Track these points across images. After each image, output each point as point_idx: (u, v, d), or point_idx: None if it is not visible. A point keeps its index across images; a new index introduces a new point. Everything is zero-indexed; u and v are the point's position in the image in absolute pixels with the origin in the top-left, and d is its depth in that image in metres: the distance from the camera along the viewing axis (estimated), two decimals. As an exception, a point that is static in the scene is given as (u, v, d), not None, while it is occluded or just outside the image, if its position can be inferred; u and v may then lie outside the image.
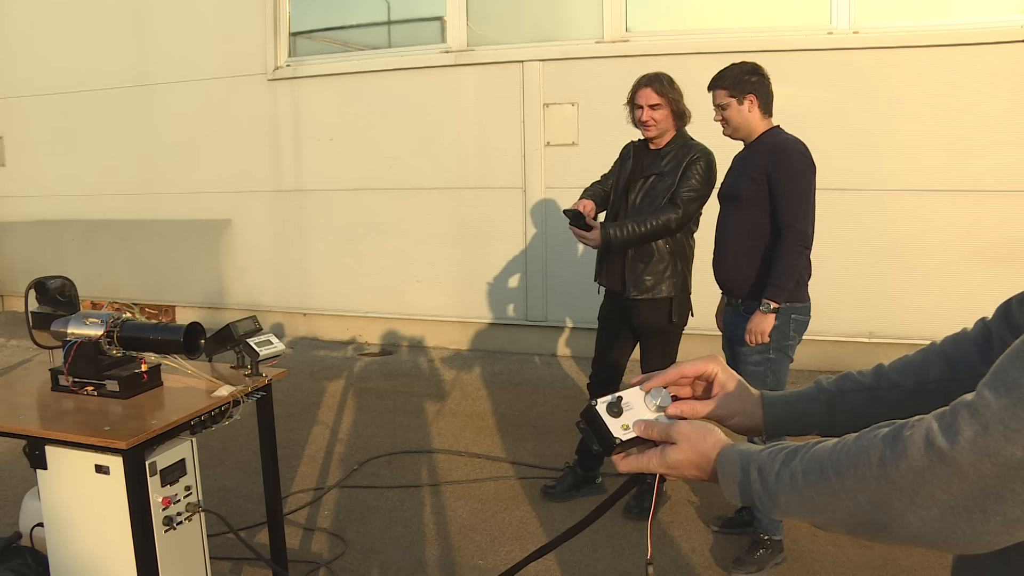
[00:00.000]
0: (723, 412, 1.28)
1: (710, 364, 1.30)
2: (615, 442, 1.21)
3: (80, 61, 8.56)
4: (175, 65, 8.05)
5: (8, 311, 9.61)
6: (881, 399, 1.25)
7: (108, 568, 2.49)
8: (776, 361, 3.53)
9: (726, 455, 1.11)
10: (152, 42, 8.16)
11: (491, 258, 7.03)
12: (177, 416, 2.47)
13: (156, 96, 8.22)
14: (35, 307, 2.87)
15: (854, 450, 0.94)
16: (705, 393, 1.32)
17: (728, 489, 1.10)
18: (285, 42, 7.67)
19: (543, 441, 5.01)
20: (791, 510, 1.01)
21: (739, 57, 3.67)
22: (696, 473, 1.16)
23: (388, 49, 7.49)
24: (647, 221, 3.81)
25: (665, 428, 1.19)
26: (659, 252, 3.91)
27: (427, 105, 7.10)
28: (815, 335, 4.36)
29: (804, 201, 3.44)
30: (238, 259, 8.12)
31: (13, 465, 4.69)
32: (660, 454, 1.17)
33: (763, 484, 1.04)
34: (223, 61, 7.81)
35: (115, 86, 8.41)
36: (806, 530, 3.78)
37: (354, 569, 3.58)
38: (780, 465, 1.02)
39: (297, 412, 5.64)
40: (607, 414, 1.23)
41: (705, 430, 1.16)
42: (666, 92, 3.85)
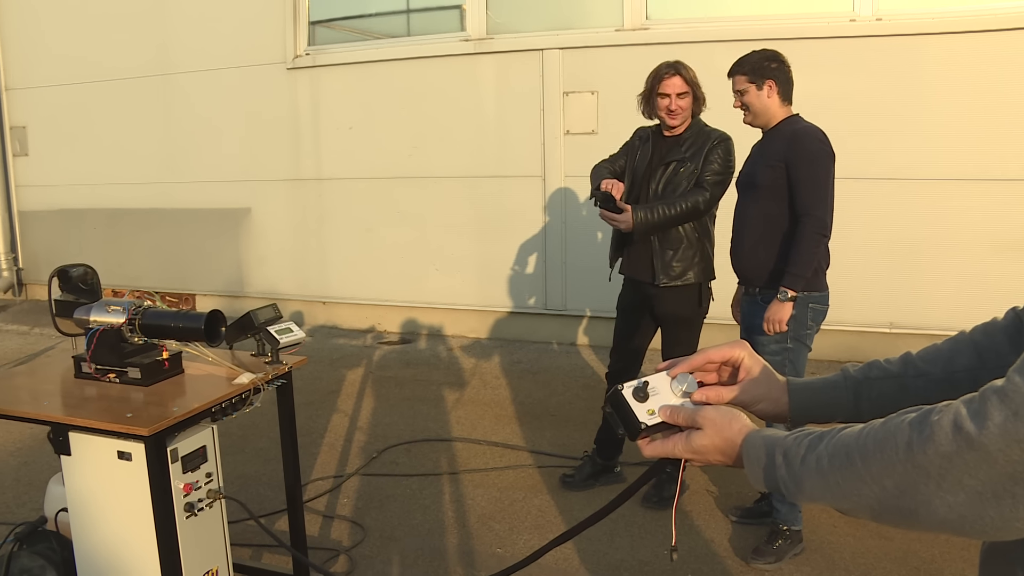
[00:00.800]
0: (748, 398, 1.28)
1: (736, 349, 1.30)
2: (640, 427, 1.21)
3: (101, 52, 8.60)
4: (195, 55, 8.08)
5: (31, 299, 9.69)
6: (908, 387, 1.24)
7: (131, 553, 2.51)
8: (794, 351, 3.52)
9: (751, 440, 1.11)
10: (173, 32, 8.19)
11: (510, 247, 7.03)
12: (198, 403, 2.49)
13: (176, 86, 8.26)
14: (58, 295, 2.89)
15: (881, 435, 0.93)
16: (731, 379, 1.31)
17: (753, 474, 1.10)
18: (305, 31, 7.67)
19: (562, 430, 5.02)
20: (816, 495, 1.00)
21: (760, 45, 3.66)
22: (721, 458, 1.16)
23: (407, 38, 7.48)
24: (676, 203, 3.79)
25: (690, 413, 1.19)
26: (687, 238, 3.90)
27: (446, 94, 7.09)
28: (834, 325, 4.34)
29: (822, 189, 3.42)
30: (258, 248, 8.15)
31: (38, 451, 4.74)
32: (685, 439, 1.17)
33: (788, 469, 1.03)
34: (243, 50, 7.82)
35: (136, 76, 8.45)
36: (825, 520, 3.77)
37: (373, 556, 3.60)
38: (805, 450, 1.01)
39: (316, 400, 5.66)
40: (633, 399, 1.22)
41: (731, 415, 1.16)
42: (692, 80, 3.85)
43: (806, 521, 3.63)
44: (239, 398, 2.65)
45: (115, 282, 8.05)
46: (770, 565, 3.46)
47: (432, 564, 3.52)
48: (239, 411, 2.66)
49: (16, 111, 9.36)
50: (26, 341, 7.69)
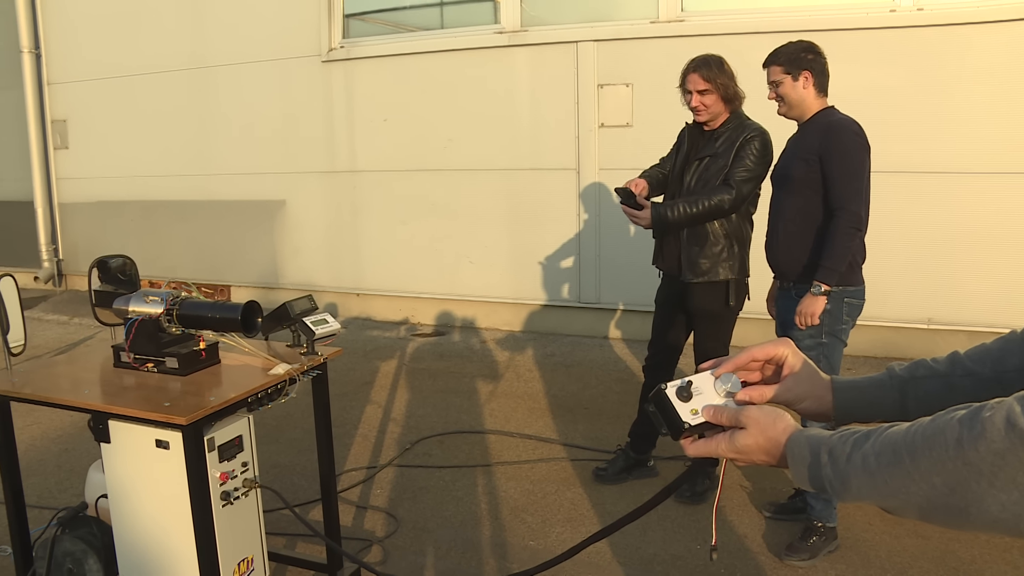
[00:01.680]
0: (792, 396, 1.27)
1: (780, 347, 1.29)
2: (684, 426, 1.21)
3: (140, 45, 8.70)
4: (231, 48, 8.14)
5: (71, 289, 9.83)
6: (955, 387, 1.22)
7: (168, 540, 2.55)
8: (829, 346, 3.48)
9: (796, 439, 1.10)
10: (209, 25, 8.26)
11: (544, 239, 7.02)
12: (234, 393, 2.51)
13: (213, 78, 8.32)
14: (97, 285, 2.93)
15: (929, 432, 0.91)
16: (774, 376, 1.30)
17: (798, 474, 1.08)
18: (339, 24, 7.70)
19: (595, 423, 5.01)
20: (863, 494, 0.99)
21: (797, 37, 3.60)
22: (765, 458, 1.15)
23: (441, 30, 7.48)
24: (699, 201, 3.76)
25: (734, 413, 1.18)
26: (714, 235, 3.87)
27: (480, 86, 7.09)
28: (871, 320, 4.29)
29: (857, 182, 3.37)
30: (292, 239, 8.21)
31: (78, 438, 4.82)
32: (729, 439, 1.17)
33: (834, 467, 1.02)
34: (278, 43, 7.87)
35: (173, 69, 8.54)
36: (861, 518, 3.74)
37: (406, 547, 3.61)
38: (851, 448, 1.00)
39: (350, 391, 5.69)
40: (676, 398, 1.22)
41: (775, 415, 1.15)
42: (714, 77, 3.77)
43: (841, 518, 3.60)
44: (275, 388, 2.67)
45: (152, 273, 8.14)
46: (804, 562, 3.42)
47: (465, 556, 3.53)
48: (275, 401, 2.68)
49: (57, 105, 9.49)
50: (66, 330, 7.80)
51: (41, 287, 9.80)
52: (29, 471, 4.24)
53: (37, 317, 8.30)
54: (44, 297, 9.37)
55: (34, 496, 4.03)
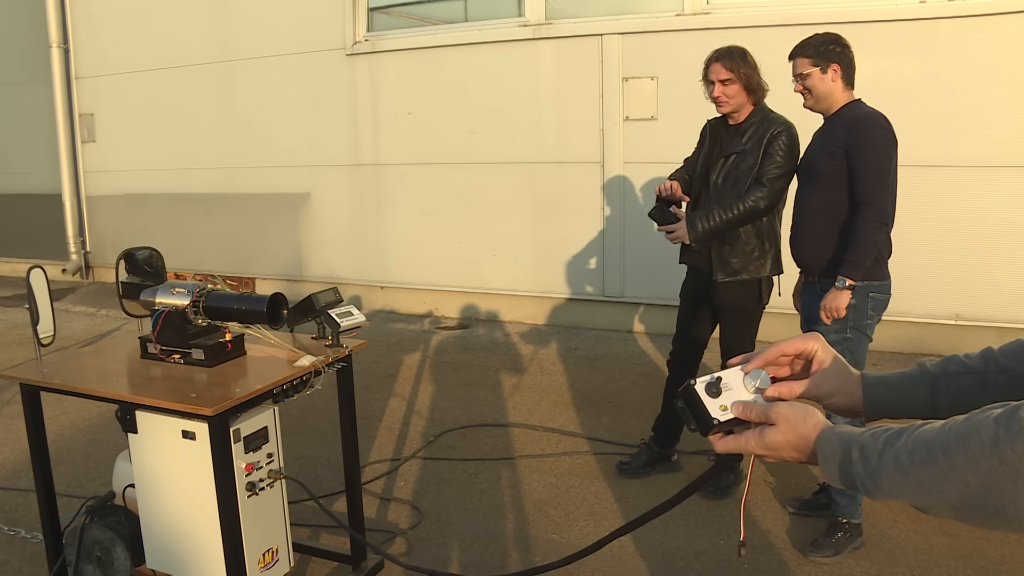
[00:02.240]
0: (821, 391, 1.26)
1: (809, 342, 1.27)
2: (713, 422, 1.21)
3: (165, 40, 8.75)
4: (256, 41, 8.17)
5: (98, 281, 9.92)
6: (989, 384, 1.20)
7: (194, 529, 2.57)
8: (854, 341, 3.45)
9: (826, 436, 1.09)
10: (234, 19, 8.29)
11: (568, 233, 7.00)
12: (260, 385, 2.52)
13: (238, 72, 8.37)
14: (124, 277, 2.95)
15: (964, 430, 0.90)
16: (803, 372, 1.29)
17: (828, 471, 1.08)
18: (364, 17, 7.71)
19: (619, 417, 5.00)
20: (895, 492, 0.98)
21: (824, 29, 3.56)
22: (795, 455, 1.14)
23: (466, 23, 7.47)
24: (734, 206, 3.73)
25: (764, 409, 1.17)
26: (745, 234, 3.83)
27: (505, 79, 7.08)
28: (897, 316, 4.25)
29: (883, 176, 3.34)
30: (317, 232, 8.24)
31: (105, 429, 4.86)
32: (758, 435, 1.16)
33: (865, 465, 1.01)
34: (303, 37, 7.90)
35: (199, 63, 8.58)
36: (887, 515, 3.70)
37: (429, 539, 3.62)
38: (883, 446, 0.99)
39: (374, 384, 5.71)
40: (705, 394, 1.22)
41: (805, 411, 1.14)
42: (736, 67, 3.73)
43: (866, 515, 3.56)
44: (300, 380, 2.68)
45: (177, 265, 8.19)
46: (828, 558, 3.40)
47: (488, 548, 3.54)
48: (300, 393, 2.69)
49: (85, 99, 9.58)
50: (93, 322, 7.88)
51: (69, 279, 9.90)
52: (58, 460, 4.29)
53: (65, 309, 8.38)
54: (72, 289, 9.47)
55: (63, 485, 4.07)
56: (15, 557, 3.52)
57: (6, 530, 3.71)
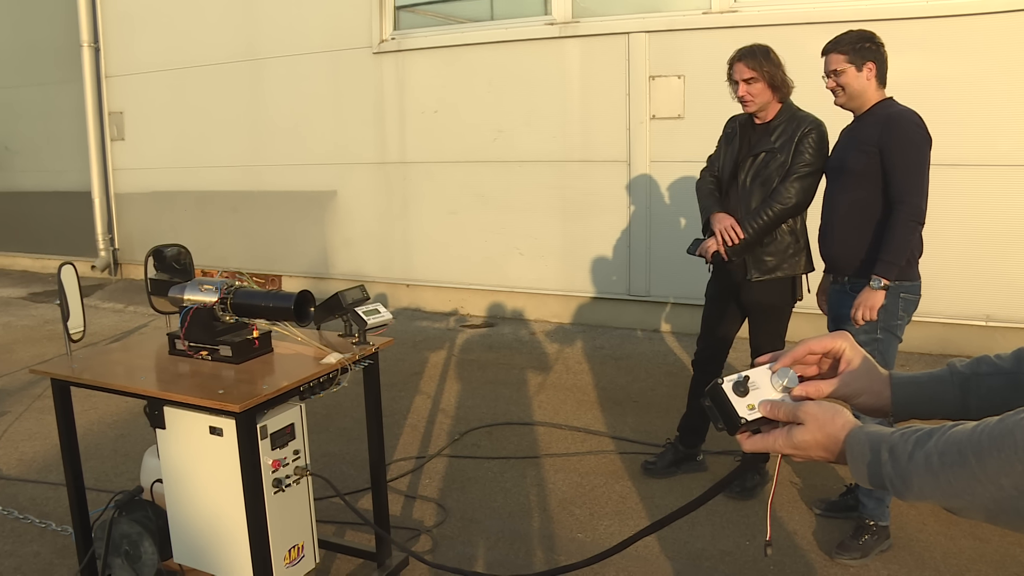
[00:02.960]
0: (849, 391, 1.24)
1: (837, 340, 1.26)
2: (740, 422, 1.20)
3: (194, 39, 8.82)
4: (283, 39, 8.22)
5: (126, 278, 10.01)
6: (1021, 385, 1.18)
7: (221, 525, 2.58)
8: (884, 341, 3.41)
9: (855, 436, 1.08)
10: (262, 18, 8.34)
11: (594, 232, 6.99)
12: (287, 382, 2.53)
13: (265, 70, 8.41)
14: (153, 274, 2.97)
15: (997, 432, 0.89)
16: (831, 371, 1.28)
17: (857, 471, 1.06)
18: (391, 15, 7.73)
19: (644, 416, 4.98)
20: (925, 494, 0.97)
21: (852, 26, 3.52)
22: (823, 454, 1.13)
23: (493, 22, 7.47)
24: (763, 212, 3.71)
25: (792, 408, 1.16)
26: (780, 232, 3.81)
27: (531, 77, 7.07)
28: (926, 316, 4.20)
29: (919, 175, 3.30)
30: (343, 230, 8.27)
31: (133, 424, 4.91)
32: (786, 435, 1.15)
33: (895, 466, 1.00)
34: (330, 35, 7.93)
35: (226, 61, 8.65)
36: (915, 517, 3.67)
37: (454, 537, 3.62)
38: (913, 446, 0.98)
39: (399, 381, 5.73)
40: (733, 393, 1.21)
41: (833, 411, 1.13)
42: (759, 65, 3.70)
43: (894, 517, 3.53)
44: (326, 377, 2.69)
45: (204, 262, 8.25)
46: (855, 560, 3.36)
47: (513, 547, 3.53)
48: (326, 390, 2.70)
49: (114, 97, 9.67)
50: (121, 319, 7.95)
51: (98, 276, 9.99)
52: (87, 455, 4.33)
53: (93, 305, 8.47)
54: (100, 285, 9.56)
55: (91, 479, 4.10)
56: (46, 549, 3.57)
57: (37, 523, 3.75)
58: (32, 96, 10.38)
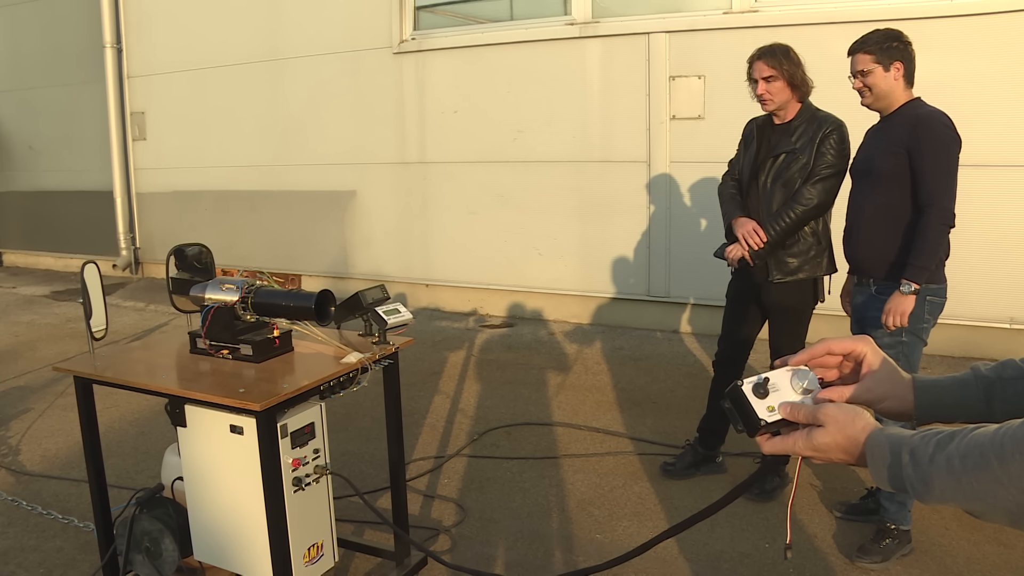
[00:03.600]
0: (872, 396, 1.23)
1: (859, 344, 1.25)
2: (760, 424, 1.19)
3: (215, 39, 8.87)
4: (304, 40, 8.25)
5: (147, 277, 10.08)
6: None
7: (241, 523, 2.59)
8: (909, 345, 3.37)
9: (875, 438, 1.07)
10: (283, 18, 8.38)
11: (613, 232, 6.97)
12: (307, 381, 2.54)
13: (285, 70, 8.45)
14: (174, 273, 2.99)
15: (1020, 435, 0.88)
16: (852, 375, 1.27)
17: (877, 473, 1.06)
18: (411, 16, 7.75)
19: (663, 417, 4.96)
20: (946, 497, 0.96)
21: (876, 26, 3.48)
22: (843, 457, 1.12)
23: (513, 22, 7.47)
24: (785, 215, 3.70)
25: (812, 411, 1.15)
26: (802, 234, 3.79)
27: (551, 78, 7.06)
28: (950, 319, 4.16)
29: (948, 177, 3.26)
30: (362, 230, 8.29)
31: (154, 422, 4.94)
32: (806, 437, 1.14)
33: (915, 468, 0.99)
34: (350, 35, 7.95)
35: (247, 61, 8.69)
36: (937, 521, 3.63)
37: (473, 537, 3.62)
38: (935, 449, 0.97)
39: (418, 381, 5.73)
40: (753, 395, 1.20)
41: (854, 413, 1.12)
42: (779, 63, 3.68)
43: (916, 521, 3.50)
44: (347, 377, 2.69)
45: (224, 262, 8.29)
46: (876, 564, 3.33)
47: (531, 547, 3.53)
48: (347, 389, 2.70)
49: (136, 97, 9.74)
50: (142, 317, 8.00)
51: (119, 274, 10.06)
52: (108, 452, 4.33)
53: (114, 304, 8.52)
54: (121, 284, 9.63)
55: (113, 476, 4.12)
56: (69, 545, 3.60)
57: (60, 518, 3.78)
58: (56, 97, 10.48)
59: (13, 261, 11.58)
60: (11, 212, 11.35)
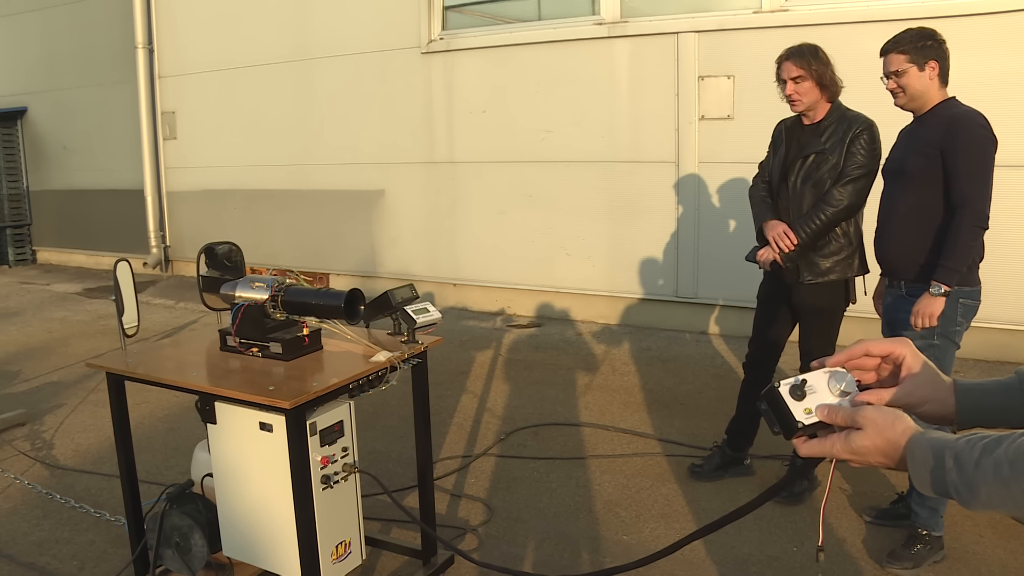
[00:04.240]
0: (913, 399, 1.21)
1: (898, 346, 1.23)
2: (797, 426, 1.18)
3: (244, 39, 8.93)
4: (333, 40, 8.29)
5: (177, 275, 10.17)
6: None
7: (270, 520, 2.60)
8: (941, 348, 3.33)
9: (917, 442, 1.05)
10: (311, 18, 8.42)
11: (642, 233, 6.95)
12: (337, 379, 2.55)
13: (314, 70, 8.49)
14: (205, 271, 3.01)
15: None
16: (891, 379, 1.25)
17: (919, 478, 1.04)
18: (439, 16, 7.76)
19: (691, 419, 4.94)
20: (993, 502, 0.94)
21: (909, 24, 3.44)
22: (882, 460, 1.11)
23: (541, 22, 7.46)
24: (821, 212, 3.66)
25: (850, 413, 1.14)
26: (833, 235, 3.76)
27: (579, 78, 7.05)
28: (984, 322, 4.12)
29: (983, 178, 3.21)
30: (390, 229, 8.32)
31: (183, 418, 4.98)
32: (844, 439, 1.13)
33: (960, 473, 0.97)
34: (379, 35, 7.98)
35: (276, 61, 8.75)
36: (970, 528, 3.58)
37: (499, 536, 3.62)
38: (980, 454, 0.95)
39: (446, 380, 5.74)
40: (790, 397, 1.19)
41: (893, 416, 1.10)
42: (807, 63, 3.64)
43: (948, 527, 3.45)
44: (375, 375, 2.70)
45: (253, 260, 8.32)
46: (907, 571, 3.28)
47: (558, 548, 3.52)
48: (375, 388, 2.71)
49: (167, 97, 9.84)
50: (172, 315, 8.07)
51: (149, 272, 10.16)
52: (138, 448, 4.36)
53: (145, 301, 8.60)
54: (152, 282, 9.72)
55: (143, 471, 4.14)
56: (100, 538, 3.64)
57: (92, 512, 3.83)
58: (89, 97, 10.60)
59: (47, 258, 11.72)
60: (45, 210, 11.50)
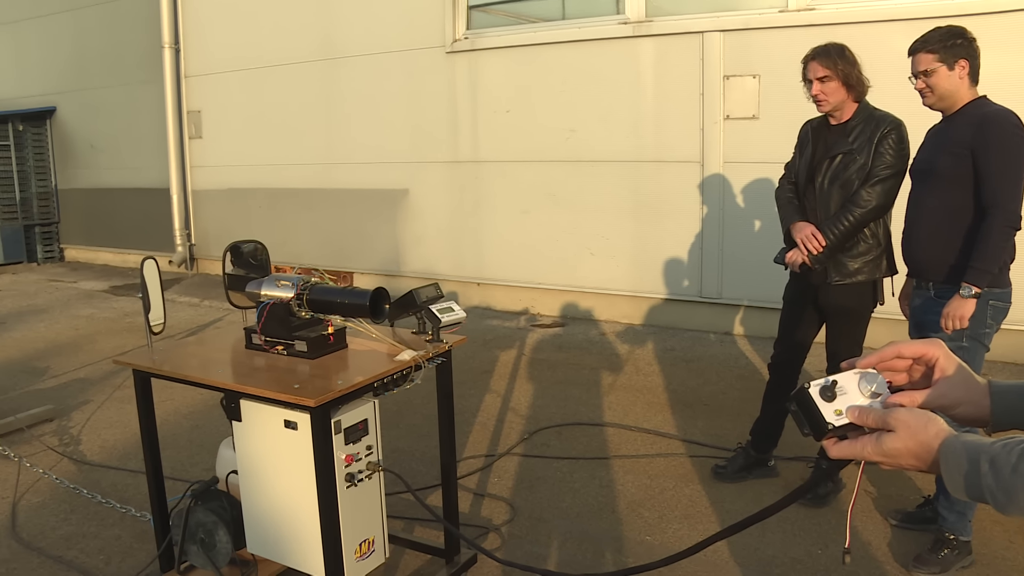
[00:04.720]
0: (947, 401, 1.19)
1: (931, 348, 1.21)
2: (828, 427, 1.17)
3: (270, 38, 8.98)
4: (358, 40, 8.32)
5: (202, 273, 10.23)
6: None
7: (294, 517, 2.61)
8: (970, 350, 3.28)
9: (950, 445, 1.04)
10: (336, 18, 8.45)
11: (666, 232, 6.93)
12: (361, 378, 2.55)
13: (340, 70, 8.52)
14: (230, 269, 3.03)
15: None
16: (923, 380, 1.23)
17: (952, 481, 1.02)
18: (463, 15, 7.77)
19: (715, 420, 4.92)
20: None
21: (936, 23, 3.39)
22: (914, 463, 1.09)
23: (566, 21, 7.45)
24: (849, 214, 3.62)
25: (882, 415, 1.13)
26: (862, 236, 3.72)
27: (604, 77, 7.03)
28: (1014, 324, 4.07)
29: (1015, 178, 3.16)
30: (415, 228, 8.33)
31: (208, 416, 5.01)
32: (875, 441, 1.11)
33: (996, 478, 0.96)
34: (404, 34, 8.00)
35: (301, 61, 8.79)
36: (1000, 534, 3.53)
37: (523, 536, 3.62)
38: (1018, 458, 0.94)
39: (469, 380, 5.74)
40: (820, 398, 1.18)
41: (926, 418, 1.09)
42: (833, 63, 3.60)
43: (977, 532, 3.40)
44: (400, 374, 2.70)
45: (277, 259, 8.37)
46: (934, 575, 3.27)
47: (581, 547, 3.52)
48: (400, 387, 2.71)
49: (193, 96, 9.91)
50: (196, 312, 8.12)
51: (174, 270, 10.23)
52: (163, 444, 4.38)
53: (170, 299, 8.66)
54: (177, 280, 9.78)
55: (168, 468, 4.16)
56: (127, 533, 3.67)
57: (119, 507, 3.86)
58: (116, 96, 10.70)
59: (74, 256, 11.84)
60: (73, 208, 11.62)
